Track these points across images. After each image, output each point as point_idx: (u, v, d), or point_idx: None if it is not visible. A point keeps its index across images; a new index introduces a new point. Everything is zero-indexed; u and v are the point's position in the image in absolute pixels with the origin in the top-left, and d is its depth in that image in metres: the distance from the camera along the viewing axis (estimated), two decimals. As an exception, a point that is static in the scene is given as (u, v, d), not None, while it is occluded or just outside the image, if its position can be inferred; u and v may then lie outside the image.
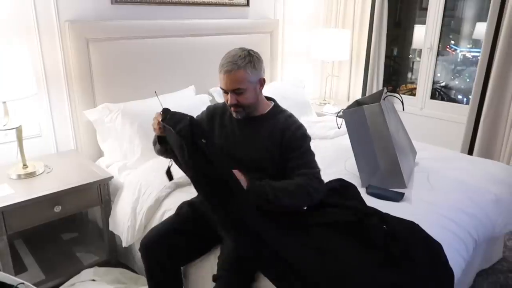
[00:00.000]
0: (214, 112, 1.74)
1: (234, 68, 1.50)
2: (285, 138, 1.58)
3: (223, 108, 1.74)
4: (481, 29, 3.34)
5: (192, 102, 2.51)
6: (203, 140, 1.37)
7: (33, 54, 2.07)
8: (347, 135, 2.15)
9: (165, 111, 1.43)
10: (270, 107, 1.69)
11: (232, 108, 1.60)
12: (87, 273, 1.99)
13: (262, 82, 1.61)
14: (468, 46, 3.89)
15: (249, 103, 1.58)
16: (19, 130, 1.91)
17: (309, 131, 1.68)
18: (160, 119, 1.42)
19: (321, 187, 1.58)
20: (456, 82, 3.90)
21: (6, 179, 1.92)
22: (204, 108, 1.81)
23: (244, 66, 1.51)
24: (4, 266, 1.77)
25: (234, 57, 1.52)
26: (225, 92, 1.58)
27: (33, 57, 2.07)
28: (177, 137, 1.37)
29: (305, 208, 1.65)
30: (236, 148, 1.64)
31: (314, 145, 2.33)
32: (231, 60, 1.52)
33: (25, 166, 1.98)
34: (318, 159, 2.31)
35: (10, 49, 1.75)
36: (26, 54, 1.84)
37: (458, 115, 3.22)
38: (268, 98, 1.73)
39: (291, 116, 1.67)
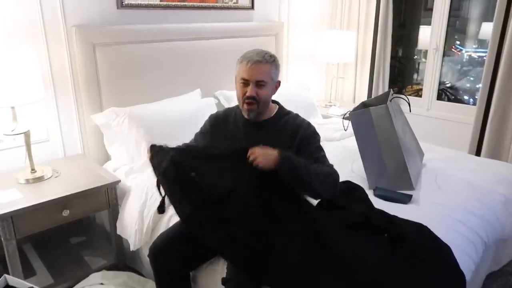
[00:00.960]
0: (216, 121, 1.75)
1: (264, 61, 1.56)
2: (297, 138, 1.59)
3: (225, 114, 1.75)
4: (487, 29, 3.32)
5: (198, 105, 2.52)
6: (192, 174, 1.37)
7: (40, 59, 2.08)
8: (353, 137, 2.14)
9: (152, 148, 1.45)
10: (276, 110, 1.69)
11: (245, 105, 1.59)
12: (95, 277, 2.00)
13: (277, 85, 1.66)
14: (474, 46, 3.86)
15: (265, 99, 1.60)
16: (27, 135, 1.92)
17: (315, 133, 1.69)
18: (149, 157, 1.46)
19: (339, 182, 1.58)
20: (467, 85, 3.87)
21: (14, 183, 1.93)
22: (209, 111, 1.82)
23: (271, 63, 1.59)
24: (13, 270, 1.78)
25: (262, 53, 1.59)
26: (245, 84, 1.58)
27: (41, 62, 2.08)
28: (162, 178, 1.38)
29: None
30: None
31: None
32: (259, 52, 1.58)
33: (33, 170, 1.99)
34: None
35: (18, 54, 1.76)
36: (34, 59, 1.85)
37: (465, 115, 3.20)
38: (273, 101, 1.73)
39: (298, 116, 1.69)
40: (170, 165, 1.38)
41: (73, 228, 2.35)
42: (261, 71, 1.55)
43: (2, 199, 1.77)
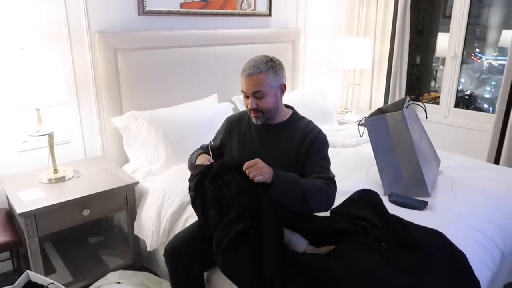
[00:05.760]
0: (230, 123, 1.79)
1: (256, 72, 1.55)
2: (306, 142, 1.60)
3: (240, 117, 1.79)
4: (508, 37, 3.28)
5: (215, 110, 2.56)
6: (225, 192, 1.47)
7: (65, 63, 2.16)
8: (369, 143, 2.14)
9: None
10: (289, 114, 1.71)
11: (252, 113, 1.64)
12: (113, 276, 2.05)
13: (283, 88, 1.65)
14: (494, 54, 3.81)
15: (269, 108, 1.61)
16: (50, 136, 1.99)
17: (330, 139, 1.70)
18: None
19: (335, 194, 1.58)
20: (486, 93, 3.81)
21: (37, 183, 2.00)
22: (226, 116, 1.87)
23: (266, 71, 1.56)
24: (35, 267, 1.84)
25: (257, 62, 1.58)
26: (246, 96, 1.62)
27: (65, 66, 2.16)
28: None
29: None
30: (256, 156, 1.66)
31: (335, 153, 2.31)
32: (253, 64, 1.57)
33: (55, 171, 2.05)
34: (339, 167, 2.30)
35: (44, 59, 1.83)
36: (59, 63, 1.93)
37: (483, 123, 3.16)
38: (287, 106, 1.75)
39: (310, 122, 1.70)
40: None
41: (91, 228, 2.41)
42: (255, 82, 1.56)
43: (26, 197, 1.84)
